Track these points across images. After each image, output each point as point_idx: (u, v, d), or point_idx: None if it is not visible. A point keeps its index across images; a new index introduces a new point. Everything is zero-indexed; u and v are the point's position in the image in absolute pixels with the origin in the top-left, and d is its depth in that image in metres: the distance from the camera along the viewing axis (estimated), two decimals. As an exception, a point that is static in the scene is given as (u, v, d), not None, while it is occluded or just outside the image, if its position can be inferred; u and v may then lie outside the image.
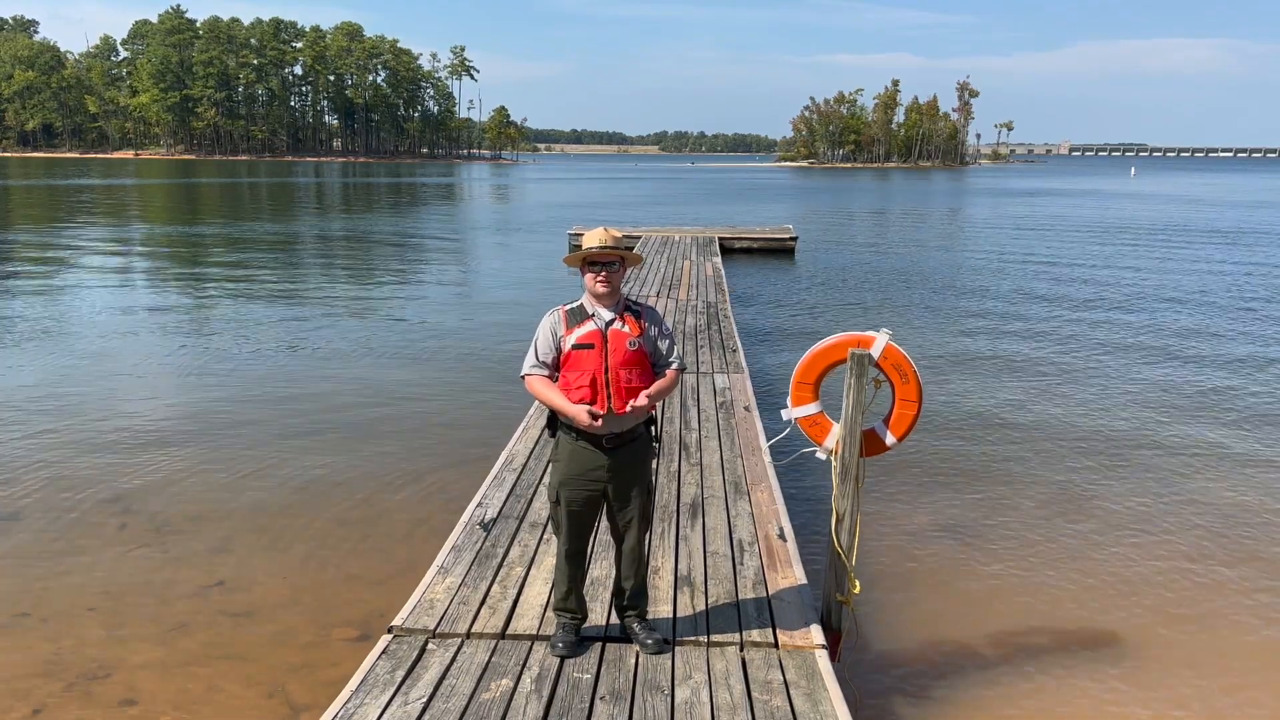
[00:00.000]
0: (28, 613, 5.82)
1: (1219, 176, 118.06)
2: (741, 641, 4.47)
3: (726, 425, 8.06)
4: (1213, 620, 5.98)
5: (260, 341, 13.94)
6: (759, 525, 5.87)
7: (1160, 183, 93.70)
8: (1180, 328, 15.91)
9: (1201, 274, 23.11)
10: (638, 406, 4.02)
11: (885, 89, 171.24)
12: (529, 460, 7.08)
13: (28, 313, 16.14)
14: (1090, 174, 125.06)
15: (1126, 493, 8.14)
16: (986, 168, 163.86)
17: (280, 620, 5.75)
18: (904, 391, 4.81)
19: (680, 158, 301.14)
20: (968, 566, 6.69)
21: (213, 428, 9.61)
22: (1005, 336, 15.04)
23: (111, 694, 4.96)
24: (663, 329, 4.26)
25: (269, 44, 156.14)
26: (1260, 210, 50.48)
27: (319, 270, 23.56)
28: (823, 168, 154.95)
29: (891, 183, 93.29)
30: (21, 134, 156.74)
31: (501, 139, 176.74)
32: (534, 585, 5.03)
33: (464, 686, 4.06)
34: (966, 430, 9.87)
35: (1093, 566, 6.70)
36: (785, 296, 19.04)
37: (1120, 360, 13.34)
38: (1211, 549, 7.03)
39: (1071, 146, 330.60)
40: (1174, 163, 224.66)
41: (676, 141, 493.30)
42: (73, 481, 8.01)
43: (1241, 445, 9.50)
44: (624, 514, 4.27)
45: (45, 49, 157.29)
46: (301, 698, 4.92)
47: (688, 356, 10.70)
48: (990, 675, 5.30)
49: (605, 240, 4.09)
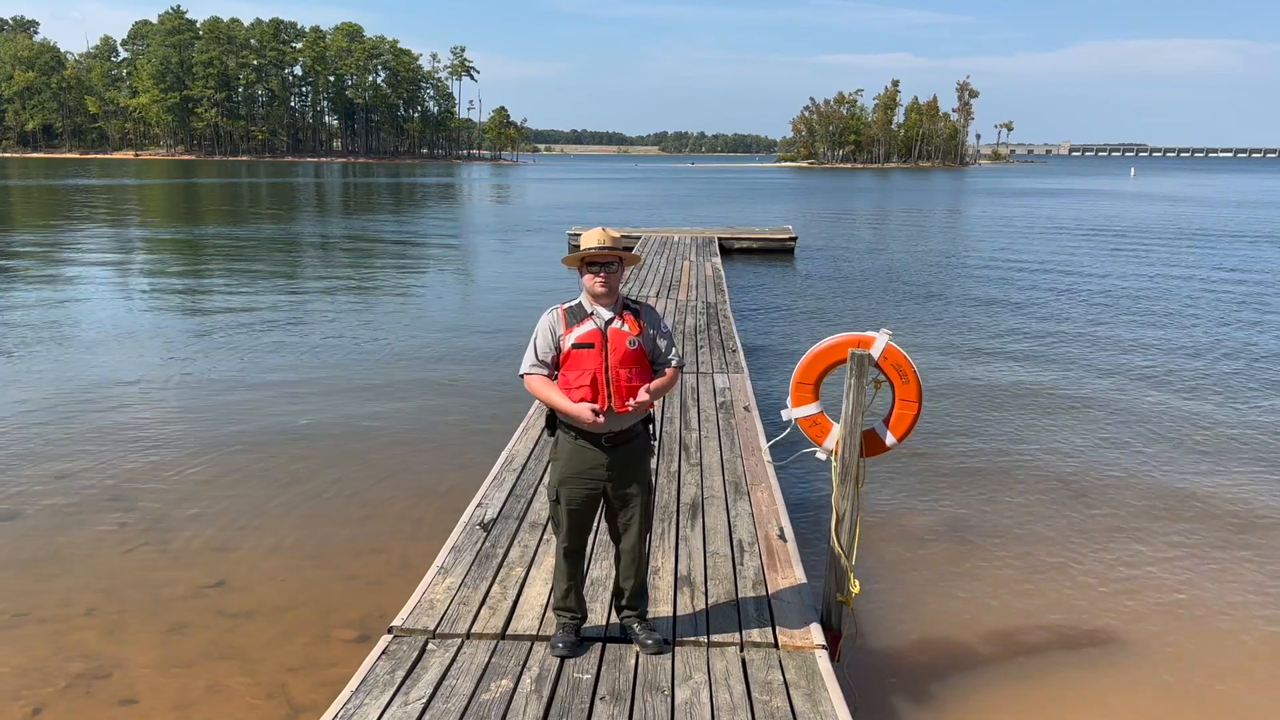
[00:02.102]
0: (27, 613, 5.81)
1: (1219, 177, 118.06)
2: (741, 642, 4.47)
3: (726, 425, 8.06)
4: (1213, 620, 5.98)
5: (260, 341, 13.93)
6: (759, 525, 5.87)
7: (1160, 183, 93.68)
8: (1181, 328, 15.90)
9: (1202, 274, 23.11)
10: (639, 403, 4.02)
11: (885, 89, 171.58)
12: (529, 460, 7.08)
13: (27, 313, 16.14)
14: (1090, 174, 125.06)
15: (1127, 492, 8.14)
16: (986, 168, 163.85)
17: (280, 620, 5.75)
18: (904, 392, 4.81)
19: (680, 158, 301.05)
20: (968, 566, 6.69)
21: (213, 428, 9.61)
22: (1005, 336, 15.04)
23: (111, 694, 4.96)
24: (661, 328, 4.26)
25: (269, 44, 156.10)
26: (1261, 210, 50.46)
27: (319, 271, 23.55)
28: (823, 168, 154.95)
29: (891, 183, 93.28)
30: (21, 134, 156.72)
31: (501, 139, 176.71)
32: (534, 585, 5.03)
33: (464, 687, 4.05)
34: (967, 430, 9.87)
35: (1093, 566, 6.70)
36: (785, 297, 19.04)
37: (1121, 360, 13.33)
38: (1213, 549, 7.03)
39: (1071, 147, 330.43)
40: (1174, 163, 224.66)
41: (677, 142, 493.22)
42: (73, 481, 8.01)
43: (1243, 445, 9.50)
44: (624, 513, 4.27)
45: (45, 49, 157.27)
46: (301, 698, 4.92)
47: (687, 357, 10.71)
48: (990, 675, 5.30)
49: (603, 240, 4.08)
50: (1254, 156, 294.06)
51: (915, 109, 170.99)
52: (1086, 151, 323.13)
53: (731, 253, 25.77)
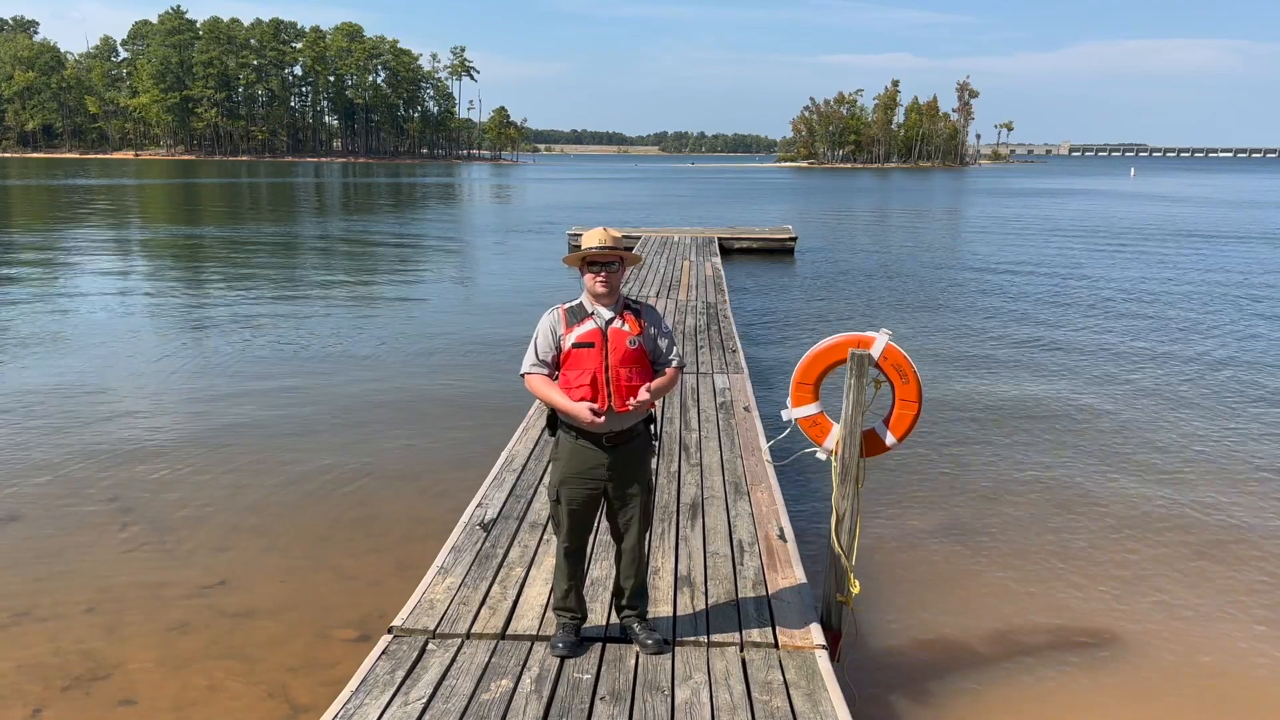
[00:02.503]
0: (27, 613, 5.81)
1: (1219, 177, 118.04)
2: (741, 642, 4.47)
3: (726, 425, 8.05)
4: (1213, 620, 5.98)
5: (259, 342, 13.94)
6: (759, 525, 5.87)
7: (1160, 183, 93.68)
8: (1182, 328, 15.91)
9: (1203, 274, 23.11)
10: (640, 402, 4.02)
11: (885, 89, 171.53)
12: (529, 460, 7.08)
13: (28, 313, 16.13)
14: (1090, 174, 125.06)
15: (1127, 493, 8.14)
16: (987, 168, 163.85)
17: (280, 620, 5.75)
18: (904, 392, 4.81)
19: (680, 158, 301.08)
20: (967, 566, 6.69)
21: (212, 428, 9.61)
22: (1005, 336, 15.04)
23: (111, 694, 4.96)
24: (662, 327, 4.26)
25: (269, 44, 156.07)
26: (1260, 210, 50.46)
27: (318, 271, 23.55)
28: (823, 168, 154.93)
29: (891, 183, 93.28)
30: (21, 134, 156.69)
31: (501, 139, 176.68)
32: (534, 585, 5.03)
33: (464, 687, 4.05)
34: (967, 430, 9.87)
35: (1093, 566, 6.70)
36: (785, 297, 19.04)
37: (1121, 360, 13.34)
38: (1213, 549, 7.03)
39: (1071, 147, 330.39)
40: (1174, 163, 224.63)
41: (677, 142, 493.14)
42: (73, 481, 8.01)
43: (1244, 446, 9.50)
44: (624, 513, 4.27)
45: (45, 49, 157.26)
46: (301, 698, 4.92)
47: (688, 357, 10.70)
48: (990, 675, 5.30)
49: (604, 240, 4.08)
50: (1254, 156, 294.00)
51: (915, 109, 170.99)
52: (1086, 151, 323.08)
53: (731, 253, 25.77)
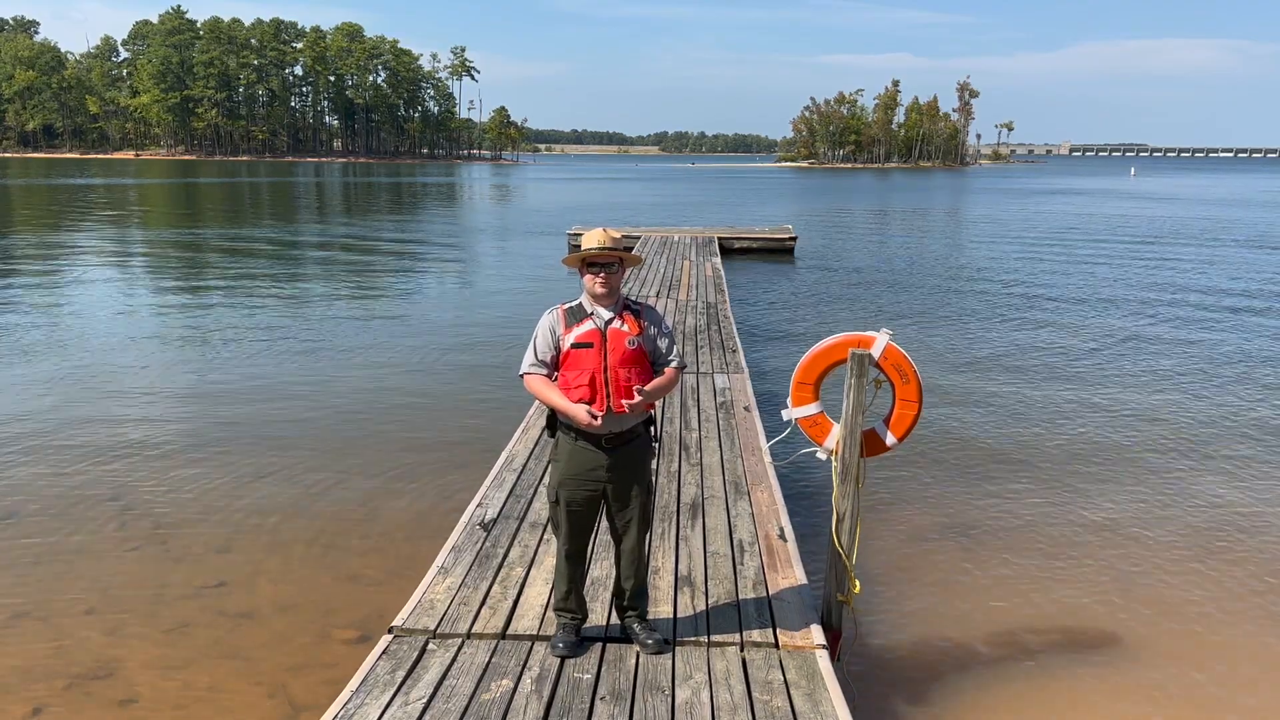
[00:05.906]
0: (28, 613, 5.81)
1: (1219, 177, 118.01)
2: (742, 641, 4.47)
3: (726, 425, 8.05)
4: (1214, 620, 5.98)
5: (260, 343, 13.93)
6: (759, 525, 5.87)
7: (1160, 183, 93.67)
8: (1182, 329, 15.90)
9: (1203, 275, 23.11)
10: (633, 403, 4.02)
11: (885, 89, 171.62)
12: (529, 460, 7.08)
13: (28, 314, 16.14)
14: (1091, 174, 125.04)
15: (1127, 492, 8.14)
16: (987, 168, 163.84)
17: (280, 620, 5.74)
18: (904, 392, 4.80)
19: (681, 158, 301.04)
20: (968, 566, 6.68)
21: (212, 428, 9.61)
22: (1006, 336, 15.04)
23: (111, 694, 4.96)
24: (662, 328, 4.25)
25: (269, 44, 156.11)
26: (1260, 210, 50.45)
27: (319, 272, 23.55)
28: (823, 168, 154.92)
29: (891, 183, 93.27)
30: (22, 134, 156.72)
31: (502, 139, 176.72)
32: (534, 585, 5.03)
33: (464, 687, 4.05)
34: (967, 430, 9.87)
35: (1093, 566, 6.70)
36: (785, 296, 19.04)
37: (1122, 360, 13.33)
38: (1213, 549, 7.02)
39: (1072, 147, 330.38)
40: (1174, 163, 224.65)
41: (677, 142, 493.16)
42: (73, 482, 8.01)
43: (1244, 446, 9.50)
44: (624, 514, 4.27)
45: (46, 49, 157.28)
46: (302, 698, 4.92)
47: (688, 357, 10.70)
48: (990, 675, 5.30)
49: (604, 241, 4.08)
50: (1254, 156, 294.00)
51: (915, 109, 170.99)
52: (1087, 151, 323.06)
53: (731, 253, 25.76)
